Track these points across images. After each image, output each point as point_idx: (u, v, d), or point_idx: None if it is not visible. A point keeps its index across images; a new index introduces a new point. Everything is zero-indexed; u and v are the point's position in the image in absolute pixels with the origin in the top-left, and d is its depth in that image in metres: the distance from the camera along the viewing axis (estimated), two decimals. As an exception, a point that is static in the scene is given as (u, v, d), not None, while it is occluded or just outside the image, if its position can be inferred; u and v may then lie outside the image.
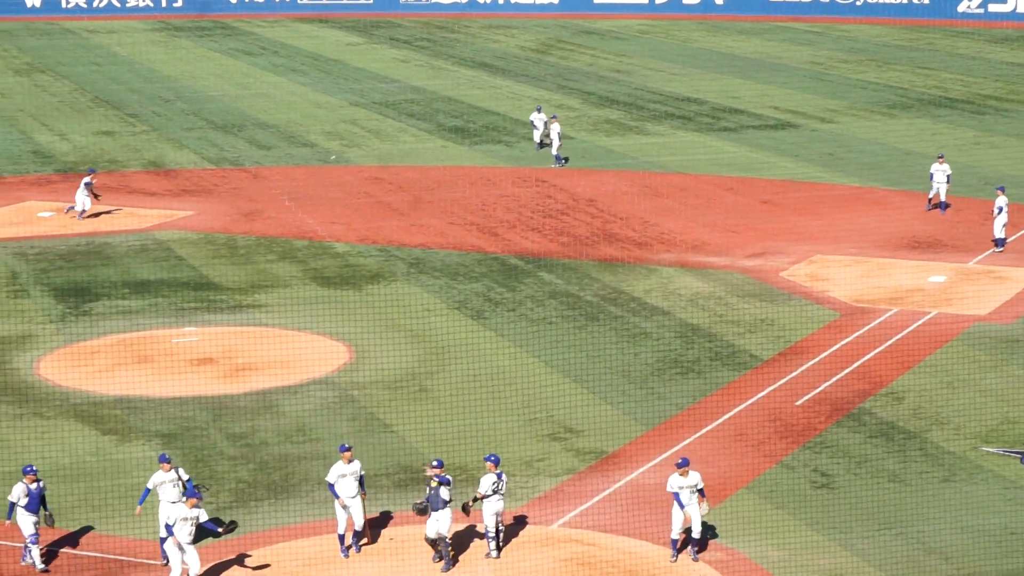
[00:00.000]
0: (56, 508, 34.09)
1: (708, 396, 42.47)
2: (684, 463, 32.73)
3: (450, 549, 32.17)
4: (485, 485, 32.46)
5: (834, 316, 49.48)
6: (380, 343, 46.90)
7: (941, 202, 62.92)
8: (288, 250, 58.77)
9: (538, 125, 76.78)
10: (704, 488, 32.80)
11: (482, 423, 39.94)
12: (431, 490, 32.12)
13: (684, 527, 32.57)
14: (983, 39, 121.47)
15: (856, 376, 43.88)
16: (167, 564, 31.93)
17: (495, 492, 32.44)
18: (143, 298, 52.42)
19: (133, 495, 35.49)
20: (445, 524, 32.07)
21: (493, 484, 32.46)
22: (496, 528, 32.62)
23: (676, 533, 32.53)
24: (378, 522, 34.52)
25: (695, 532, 32.52)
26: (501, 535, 32.80)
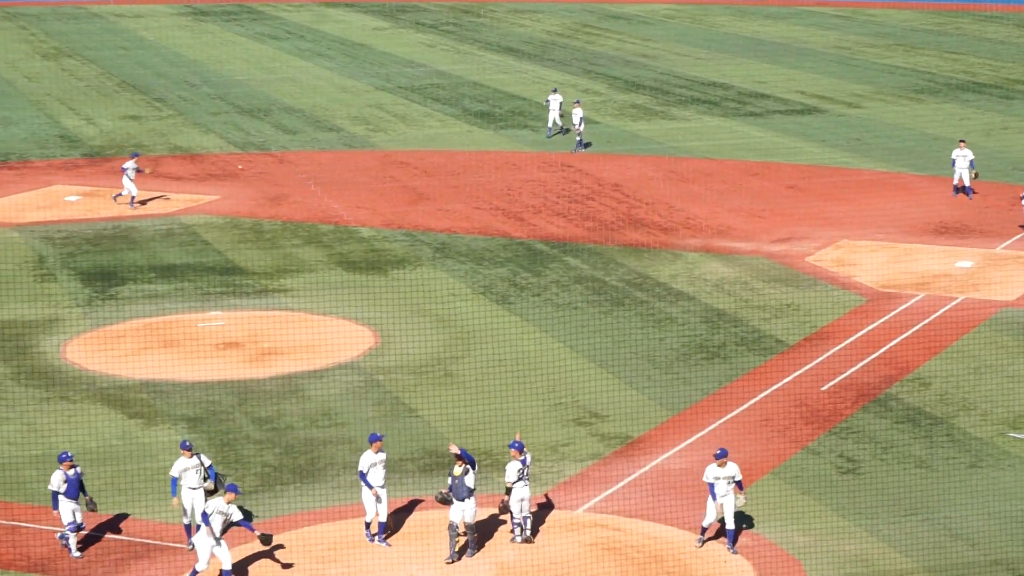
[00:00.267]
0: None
1: (734, 381, 42.40)
2: (722, 454, 32.47)
3: (475, 535, 32.05)
4: (511, 473, 32.39)
5: (860, 301, 49.35)
6: (405, 328, 46.94)
7: (966, 187, 62.69)
8: (314, 235, 58.83)
9: (553, 107, 76.40)
10: (742, 480, 32.51)
11: (507, 408, 39.94)
12: (454, 479, 31.94)
13: (717, 517, 32.34)
14: (1011, 23, 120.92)
15: (882, 361, 43.76)
16: (192, 549, 31.97)
17: (520, 479, 32.37)
18: (169, 282, 52.55)
19: (159, 478, 35.60)
20: (470, 512, 31.91)
21: (519, 471, 32.40)
22: (521, 513, 32.52)
23: (708, 522, 32.31)
24: (404, 508, 34.57)
25: (728, 524, 32.28)
26: (528, 521, 32.66)
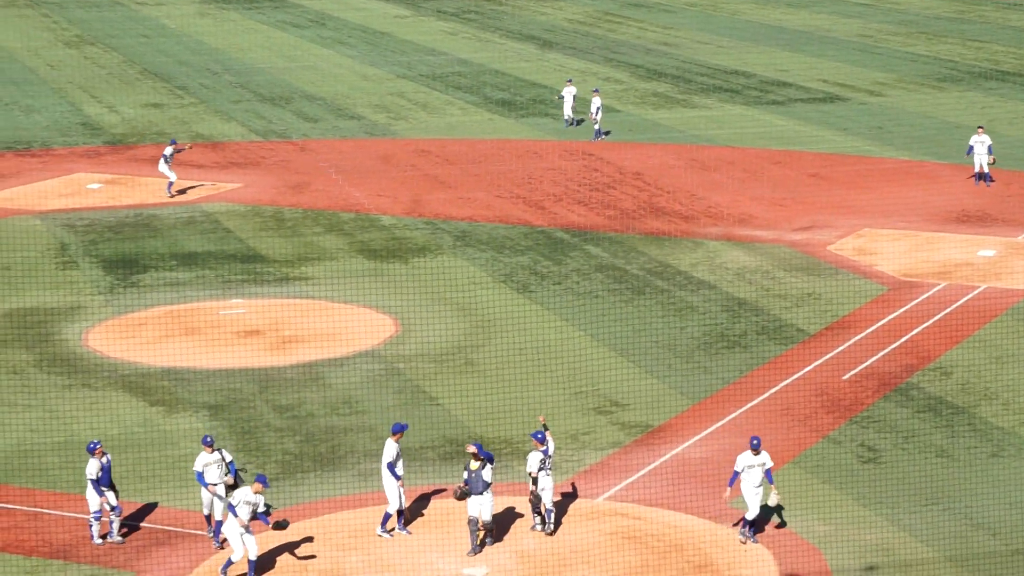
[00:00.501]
0: (104, 478, 34.34)
1: (755, 370, 42.36)
2: (757, 443, 32.30)
3: (492, 529, 31.85)
4: (533, 463, 32.36)
5: (882, 290, 49.26)
6: (426, 316, 46.97)
7: (984, 173, 62.56)
8: (335, 223, 58.89)
9: (568, 99, 76.17)
10: (771, 468, 32.36)
11: (528, 396, 39.95)
12: (471, 473, 31.87)
13: (762, 502, 32.06)
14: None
15: (904, 350, 43.68)
16: (216, 541, 32.00)
17: (542, 469, 32.33)
18: (191, 270, 52.65)
19: (181, 466, 35.71)
20: (488, 507, 31.72)
21: (540, 461, 32.36)
22: (542, 502, 32.44)
23: (751, 516, 31.90)
24: (424, 497, 34.60)
25: (751, 514, 32.03)
26: (552, 515, 32.55)
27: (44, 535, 32.70)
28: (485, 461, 31.75)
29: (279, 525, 30.95)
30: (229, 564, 30.57)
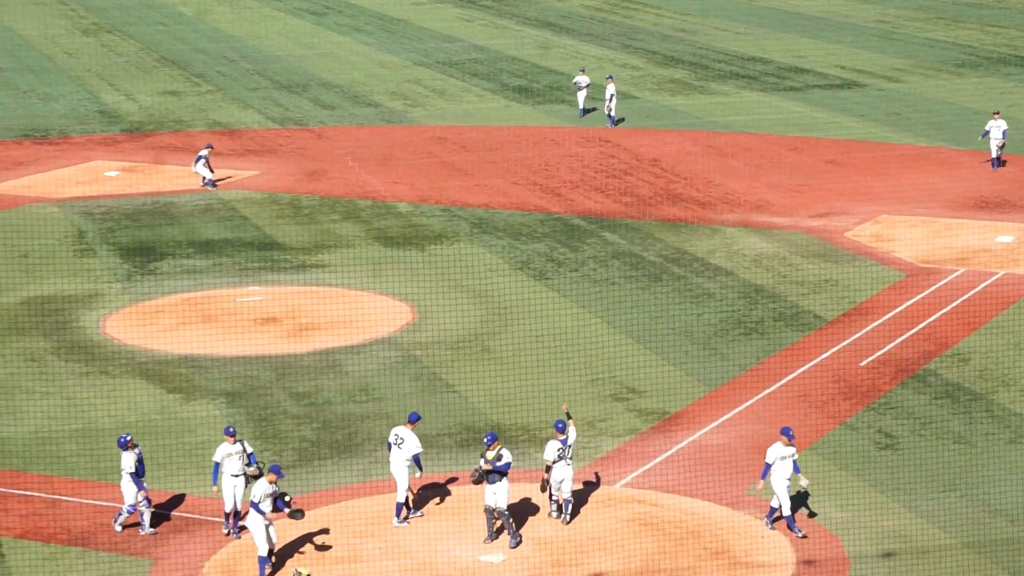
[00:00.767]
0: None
1: (771, 356, 42.31)
2: (791, 433, 32.01)
3: (511, 521, 31.58)
4: (550, 452, 32.29)
5: (899, 277, 49.16)
6: (443, 303, 46.97)
7: (996, 157, 62.49)
8: (352, 210, 58.91)
9: (582, 87, 75.95)
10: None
11: (545, 383, 39.95)
12: (487, 463, 31.59)
13: (792, 491, 31.89)
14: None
15: (921, 337, 43.60)
16: (233, 534, 31.94)
17: (560, 458, 32.25)
18: (208, 257, 52.71)
19: (198, 453, 35.78)
20: (503, 496, 31.57)
21: (559, 451, 32.26)
22: (560, 492, 32.34)
23: (788, 509, 31.73)
24: (441, 484, 34.62)
25: (785, 505, 31.81)
26: (570, 504, 32.49)
27: (62, 522, 32.79)
28: (500, 451, 31.50)
29: (295, 514, 30.89)
30: (263, 560, 30.24)
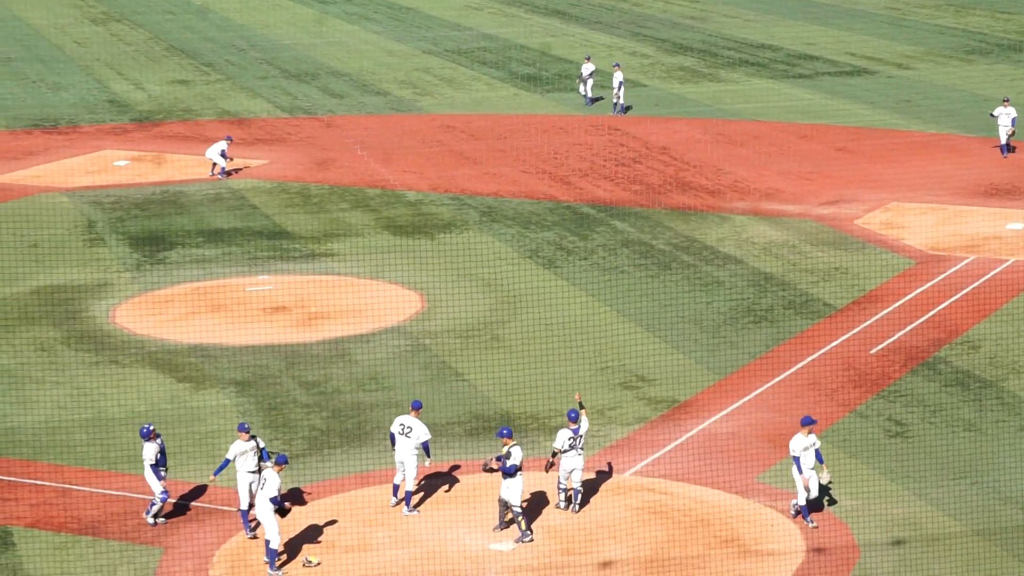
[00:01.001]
0: (133, 454, 34.42)
1: (781, 344, 42.28)
2: (812, 422, 31.84)
3: (521, 517, 31.34)
4: (560, 440, 32.26)
5: (909, 264, 49.10)
6: (452, 292, 46.98)
7: (1005, 144, 62.41)
8: (361, 199, 58.91)
9: (587, 77, 75.75)
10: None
11: (554, 372, 39.95)
12: (497, 460, 31.55)
13: (811, 495, 31.69)
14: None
15: (931, 324, 43.54)
16: (251, 534, 31.79)
17: (571, 448, 32.20)
18: (217, 247, 52.74)
19: (208, 442, 35.82)
20: (515, 494, 31.33)
21: (569, 440, 32.23)
22: (569, 482, 32.29)
23: (803, 499, 31.61)
24: (450, 472, 34.64)
25: (813, 494, 31.72)
26: (580, 494, 32.46)
27: (73, 511, 32.84)
28: (511, 448, 31.32)
29: (281, 511, 30.27)
30: (274, 554, 30.20)
